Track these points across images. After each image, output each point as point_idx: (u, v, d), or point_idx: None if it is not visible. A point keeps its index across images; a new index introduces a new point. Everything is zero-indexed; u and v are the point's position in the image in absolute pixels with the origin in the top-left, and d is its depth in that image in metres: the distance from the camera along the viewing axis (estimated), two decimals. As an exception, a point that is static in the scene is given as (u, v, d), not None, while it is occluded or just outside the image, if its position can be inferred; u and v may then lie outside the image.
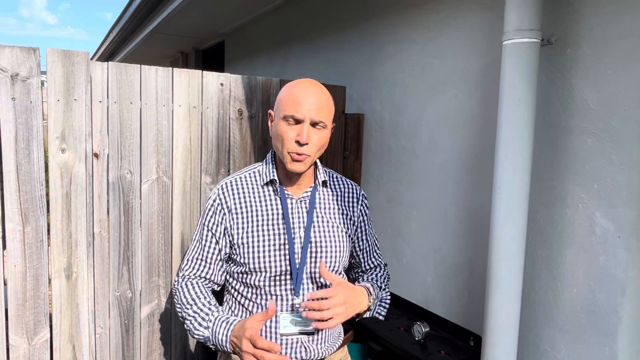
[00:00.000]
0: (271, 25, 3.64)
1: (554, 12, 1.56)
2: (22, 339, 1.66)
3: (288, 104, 1.28)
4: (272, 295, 1.33)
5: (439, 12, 2.02)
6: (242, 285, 1.37)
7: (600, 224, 1.45)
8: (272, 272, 1.32)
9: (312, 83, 1.33)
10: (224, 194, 1.37)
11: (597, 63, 1.45)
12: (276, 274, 1.32)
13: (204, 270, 1.38)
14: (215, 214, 1.36)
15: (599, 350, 1.46)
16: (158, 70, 1.87)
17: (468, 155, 1.91)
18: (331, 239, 1.38)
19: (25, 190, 1.62)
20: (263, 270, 1.31)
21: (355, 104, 2.56)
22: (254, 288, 1.34)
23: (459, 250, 1.96)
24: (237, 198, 1.36)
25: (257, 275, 1.32)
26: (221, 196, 1.37)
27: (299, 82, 1.34)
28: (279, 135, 1.30)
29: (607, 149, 1.42)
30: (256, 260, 1.31)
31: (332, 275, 1.24)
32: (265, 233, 1.33)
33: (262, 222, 1.33)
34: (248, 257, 1.31)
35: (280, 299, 1.33)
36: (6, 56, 1.56)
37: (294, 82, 1.35)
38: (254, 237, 1.32)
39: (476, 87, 1.86)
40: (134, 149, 1.85)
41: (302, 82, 1.33)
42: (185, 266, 1.40)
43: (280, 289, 1.33)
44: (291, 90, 1.30)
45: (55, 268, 1.71)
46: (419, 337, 1.89)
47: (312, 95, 1.29)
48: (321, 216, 1.39)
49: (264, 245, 1.32)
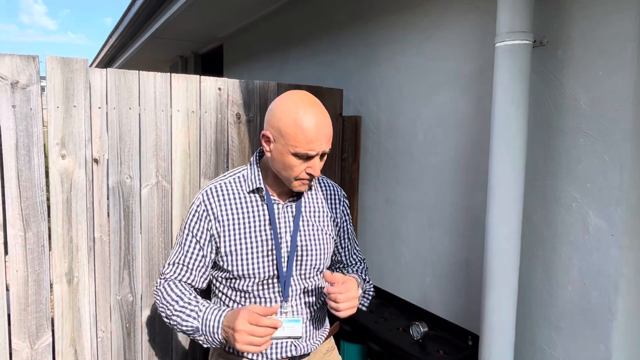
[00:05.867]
0: (269, 29, 3.67)
1: (545, 14, 1.58)
2: (25, 343, 1.69)
3: (299, 141, 1.20)
4: (261, 298, 1.34)
5: (433, 13, 2.04)
6: (229, 289, 1.36)
7: (593, 222, 1.47)
8: (260, 277, 1.32)
9: (318, 110, 1.23)
10: (209, 199, 1.32)
11: (588, 64, 1.47)
12: (264, 279, 1.33)
13: (186, 275, 1.33)
14: (200, 220, 1.31)
15: (594, 347, 1.48)
16: (156, 76, 1.89)
17: (463, 156, 1.93)
18: (317, 242, 1.39)
19: (26, 196, 1.64)
20: (251, 276, 1.32)
21: (352, 106, 2.58)
22: (242, 292, 1.34)
23: (455, 250, 1.98)
24: (222, 204, 1.32)
25: (245, 280, 1.32)
26: (206, 202, 1.32)
27: (305, 111, 1.21)
28: (287, 166, 1.24)
29: (599, 149, 1.44)
30: (244, 267, 1.31)
31: (336, 276, 1.26)
32: (253, 240, 1.31)
33: (250, 229, 1.32)
34: (235, 264, 1.31)
35: (268, 302, 1.34)
36: (6, 64, 1.58)
37: (298, 110, 1.21)
38: (241, 244, 1.30)
39: (470, 88, 1.88)
40: (133, 154, 1.87)
41: (308, 111, 1.21)
42: (166, 270, 1.35)
43: (268, 293, 1.34)
44: (300, 125, 1.19)
45: (56, 273, 1.73)
46: (418, 337, 1.91)
47: (322, 128, 1.22)
48: (307, 220, 1.39)
49: (252, 253, 1.31)
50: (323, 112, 1.24)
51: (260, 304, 1.33)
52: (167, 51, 5.59)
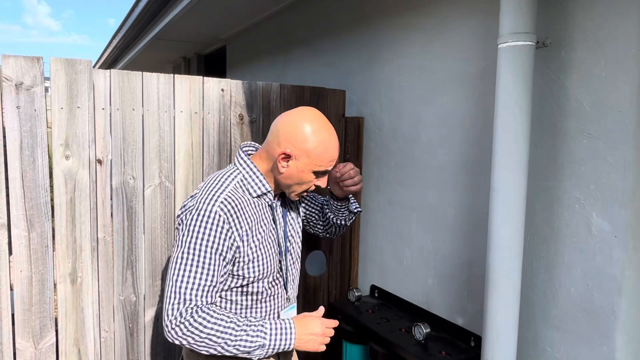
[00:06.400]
0: (271, 30, 3.67)
1: (548, 15, 1.58)
2: (29, 343, 1.69)
3: (324, 161, 1.33)
4: (270, 296, 1.41)
5: (435, 15, 2.04)
6: (240, 295, 1.36)
7: (596, 224, 1.46)
8: (272, 276, 1.39)
9: (332, 129, 1.35)
10: (228, 212, 1.26)
11: (591, 65, 1.46)
12: (273, 276, 1.40)
13: (214, 296, 1.26)
14: (222, 235, 1.25)
15: (597, 349, 1.47)
16: (159, 77, 1.90)
17: (466, 157, 1.93)
18: (298, 229, 1.55)
19: (30, 196, 1.65)
20: (265, 277, 1.37)
21: (355, 107, 2.58)
22: (253, 295, 1.37)
23: (458, 251, 1.98)
24: (240, 215, 1.29)
25: (258, 282, 1.36)
26: (227, 214, 1.26)
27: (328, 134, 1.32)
28: (303, 182, 1.35)
29: (602, 150, 1.44)
30: (262, 270, 1.35)
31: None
32: (266, 243, 1.37)
33: (263, 234, 1.37)
34: (255, 270, 1.33)
35: (275, 297, 1.42)
36: (11, 65, 1.59)
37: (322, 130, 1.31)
38: (260, 250, 1.35)
39: (473, 89, 1.88)
40: (137, 154, 1.88)
41: (330, 133, 1.33)
42: (192, 296, 1.21)
43: (275, 289, 1.42)
44: (327, 148, 1.32)
45: (60, 273, 1.74)
46: (420, 338, 1.91)
47: (338, 146, 1.36)
48: (289, 213, 1.52)
49: (267, 255, 1.37)
50: (334, 130, 1.37)
51: (269, 301, 1.42)
52: (170, 52, 5.60)
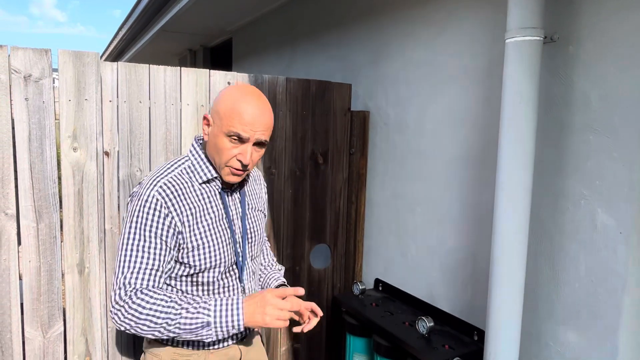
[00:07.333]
0: (278, 22, 3.67)
1: (556, 10, 1.57)
2: (37, 332, 1.72)
3: (233, 120, 1.22)
4: (223, 287, 1.37)
5: (443, 9, 2.04)
6: (190, 285, 1.34)
7: (601, 219, 1.46)
8: (223, 266, 1.35)
9: (260, 97, 1.27)
10: (166, 195, 1.25)
11: (598, 60, 1.46)
12: (226, 267, 1.36)
13: (157, 280, 1.24)
14: (160, 218, 1.24)
15: (601, 345, 1.48)
16: (166, 70, 1.90)
17: (471, 152, 1.93)
18: (259, 222, 1.50)
19: (38, 188, 1.67)
20: (215, 267, 1.33)
21: (361, 101, 2.58)
22: (204, 285, 1.34)
23: (463, 246, 1.98)
24: (179, 199, 1.27)
25: (209, 272, 1.33)
26: (164, 198, 1.25)
27: (244, 93, 1.25)
28: (219, 149, 1.26)
29: (608, 146, 1.44)
30: (210, 259, 1.31)
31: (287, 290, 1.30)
32: (215, 232, 1.33)
33: (210, 221, 1.32)
34: (201, 257, 1.30)
35: (229, 289, 1.38)
36: (19, 58, 1.60)
37: (238, 93, 1.26)
38: (207, 237, 1.31)
39: (480, 84, 1.88)
40: (144, 147, 1.89)
41: (249, 95, 1.25)
42: (131, 280, 1.21)
43: (229, 281, 1.38)
44: (237, 105, 1.22)
45: (68, 263, 1.76)
46: (424, 331, 1.92)
47: (261, 114, 1.24)
48: (249, 203, 1.47)
49: (217, 244, 1.33)
50: (264, 103, 1.28)
51: (221, 293, 1.37)
52: (176, 44, 5.60)
